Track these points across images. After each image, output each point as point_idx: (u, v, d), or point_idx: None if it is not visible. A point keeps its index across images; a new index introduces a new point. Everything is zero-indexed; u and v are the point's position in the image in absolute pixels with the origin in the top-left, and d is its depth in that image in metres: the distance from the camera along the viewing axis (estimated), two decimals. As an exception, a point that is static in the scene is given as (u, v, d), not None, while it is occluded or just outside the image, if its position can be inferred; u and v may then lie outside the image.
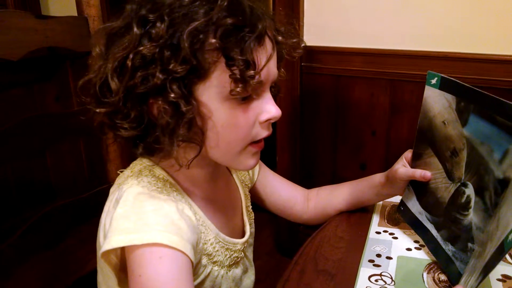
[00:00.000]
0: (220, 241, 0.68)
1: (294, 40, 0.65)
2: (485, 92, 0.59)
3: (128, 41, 0.54)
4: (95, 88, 0.56)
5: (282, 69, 0.67)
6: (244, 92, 0.55)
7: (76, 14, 0.94)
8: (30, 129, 0.86)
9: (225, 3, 0.53)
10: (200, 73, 0.54)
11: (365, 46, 1.50)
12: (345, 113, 1.60)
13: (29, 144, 0.86)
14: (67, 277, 0.92)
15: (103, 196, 0.64)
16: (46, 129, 0.90)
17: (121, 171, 0.67)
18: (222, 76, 0.54)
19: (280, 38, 0.61)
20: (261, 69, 0.56)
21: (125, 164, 1.01)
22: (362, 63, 1.51)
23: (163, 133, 0.55)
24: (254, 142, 0.62)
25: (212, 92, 0.56)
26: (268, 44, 0.58)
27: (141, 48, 0.52)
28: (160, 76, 0.52)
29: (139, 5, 0.55)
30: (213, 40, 0.52)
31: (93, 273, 0.69)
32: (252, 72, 0.54)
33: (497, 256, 0.53)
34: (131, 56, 0.53)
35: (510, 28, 1.27)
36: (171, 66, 0.52)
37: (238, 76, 0.53)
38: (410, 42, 1.42)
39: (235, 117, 0.58)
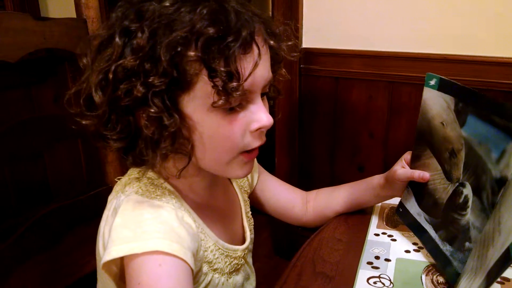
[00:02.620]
0: (219, 248, 0.67)
1: (290, 43, 0.63)
2: (483, 93, 0.59)
3: (110, 53, 0.53)
4: (80, 102, 0.56)
5: (284, 70, 0.66)
6: (226, 104, 0.53)
7: (75, 16, 0.94)
8: (28, 130, 0.86)
9: (205, 11, 0.51)
10: (183, 85, 0.53)
11: (363, 48, 1.50)
12: (344, 115, 1.60)
13: (27, 145, 0.86)
14: (65, 279, 0.92)
15: (101, 198, 0.64)
16: (44, 131, 0.89)
17: (119, 179, 0.66)
18: (206, 87, 0.53)
19: (272, 42, 0.59)
20: (245, 79, 0.53)
21: (124, 166, 1.01)
22: (361, 65, 1.51)
23: (146, 146, 0.55)
24: (246, 152, 0.60)
25: (197, 104, 0.54)
26: (255, 50, 0.54)
27: (122, 60, 0.51)
28: (141, 89, 0.51)
29: (123, 14, 0.54)
30: (192, 53, 0.51)
31: (91, 275, 0.68)
32: (235, 84, 0.52)
33: (503, 263, 0.53)
34: (112, 68, 0.52)
35: (507, 31, 1.28)
36: (150, 80, 0.51)
37: (220, 88, 0.51)
38: (409, 44, 1.42)
39: (221, 128, 0.56)
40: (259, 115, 0.57)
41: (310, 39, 1.58)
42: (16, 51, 0.80)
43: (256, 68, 0.54)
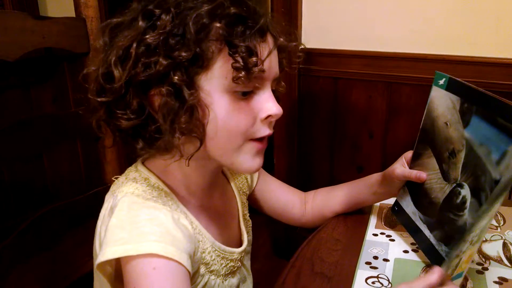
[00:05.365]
0: (216, 250, 0.67)
1: (294, 44, 0.66)
2: (490, 94, 0.59)
3: (133, 31, 0.54)
4: (97, 78, 0.57)
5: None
6: (246, 80, 0.55)
7: (74, 15, 0.94)
8: (27, 131, 0.86)
9: None
10: (202, 63, 0.54)
11: (363, 48, 1.50)
12: (343, 115, 1.60)
13: (26, 146, 0.86)
14: (64, 279, 0.92)
15: (100, 198, 0.64)
16: (43, 131, 0.89)
17: (116, 178, 0.66)
18: (224, 66, 0.55)
19: (281, 39, 0.62)
20: (264, 60, 0.56)
21: (122, 166, 1.01)
22: (360, 65, 1.51)
23: (165, 120, 0.55)
24: (256, 140, 0.61)
25: (214, 83, 0.56)
26: (270, 40, 0.59)
27: (146, 36, 0.53)
28: (164, 62, 0.53)
29: (146, 2, 0.56)
30: (218, 24, 0.53)
31: (90, 275, 0.68)
32: (254, 59, 0.54)
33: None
34: (134, 44, 0.53)
35: (508, 31, 1.28)
36: (175, 53, 0.53)
37: (241, 64, 0.54)
38: (408, 45, 1.42)
39: (236, 110, 0.57)
40: (269, 104, 0.60)
41: (310, 39, 1.58)
42: (15, 50, 0.80)
43: (272, 54, 0.58)
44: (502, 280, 0.67)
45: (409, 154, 0.78)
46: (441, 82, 0.69)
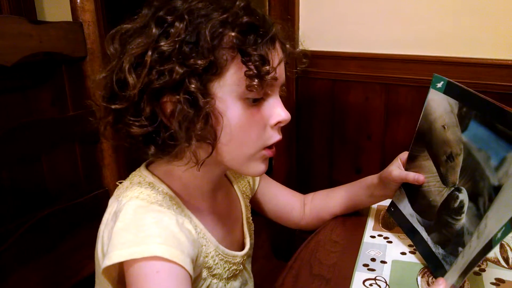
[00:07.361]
0: (220, 254, 0.67)
1: (299, 50, 0.68)
2: (489, 99, 0.59)
3: (145, 39, 0.55)
4: (109, 85, 0.57)
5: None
6: (259, 87, 0.56)
7: (71, 20, 0.95)
8: (25, 134, 0.86)
9: (242, 4, 0.56)
10: (216, 70, 0.55)
11: (360, 50, 1.50)
12: (341, 117, 1.61)
13: (24, 149, 0.86)
14: (63, 282, 0.92)
15: (98, 201, 0.64)
16: (41, 134, 0.89)
17: (120, 182, 0.66)
18: (237, 74, 0.55)
19: (288, 46, 0.63)
20: (276, 67, 0.57)
21: (121, 169, 1.01)
22: (357, 67, 1.52)
23: (180, 127, 0.55)
24: (267, 147, 0.62)
25: (226, 91, 0.56)
26: (279, 47, 0.60)
27: (161, 44, 0.53)
28: (180, 70, 0.53)
29: (156, 9, 0.57)
30: (232, 34, 0.54)
31: (89, 278, 0.68)
32: (267, 67, 0.55)
33: (483, 253, 0.54)
34: (149, 52, 0.54)
35: (504, 32, 1.28)
36: (191, 61, 0.53)
37: (254, 72, 0.55)
38: (405, 47, 1.43)
39: (247, 117, 0.58)
40: (278, 110, 0.61)
41: (307, 41, 1.58)
42: (13, 54, 0.80)
43: (281, 62, 0.59)
44: (499, 282, 0.67)
45: (404, 155, 0.78)
46: (439, 85, 0.70)
